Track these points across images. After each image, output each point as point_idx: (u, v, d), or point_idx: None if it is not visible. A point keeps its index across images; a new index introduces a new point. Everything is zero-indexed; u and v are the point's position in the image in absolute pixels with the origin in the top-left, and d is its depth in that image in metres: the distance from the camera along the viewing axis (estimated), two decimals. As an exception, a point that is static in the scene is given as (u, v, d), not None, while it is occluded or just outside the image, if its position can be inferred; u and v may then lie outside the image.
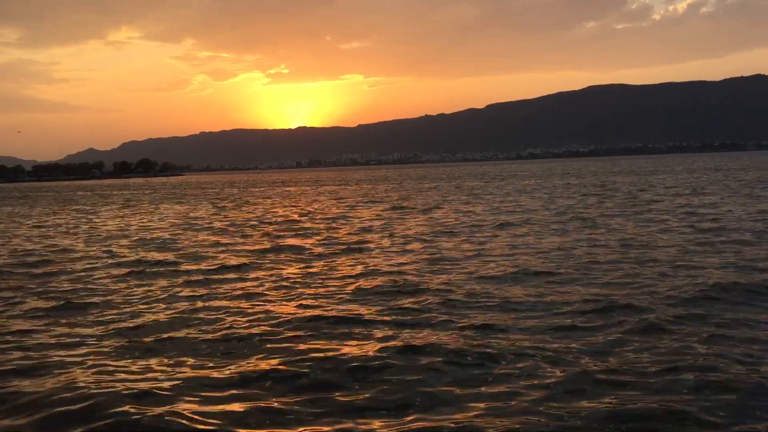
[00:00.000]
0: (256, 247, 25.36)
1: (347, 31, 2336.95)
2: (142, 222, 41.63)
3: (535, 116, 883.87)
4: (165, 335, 12.24)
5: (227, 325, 12.78)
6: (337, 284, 16.79)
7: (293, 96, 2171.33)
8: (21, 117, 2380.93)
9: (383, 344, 11.02)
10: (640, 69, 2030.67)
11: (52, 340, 12.23)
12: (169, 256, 23.14)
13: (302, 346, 11.19)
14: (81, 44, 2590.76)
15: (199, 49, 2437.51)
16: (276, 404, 8.69)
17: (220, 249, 25.02)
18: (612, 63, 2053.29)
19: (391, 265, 19.63)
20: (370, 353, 10.49)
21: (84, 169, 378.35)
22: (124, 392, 9.00)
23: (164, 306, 14.96)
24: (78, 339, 12.29)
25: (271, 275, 18.64)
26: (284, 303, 14.82)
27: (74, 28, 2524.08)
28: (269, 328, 12.49)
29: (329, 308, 14.01)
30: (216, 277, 18.58)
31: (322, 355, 10.51)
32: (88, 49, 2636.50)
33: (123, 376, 9.91)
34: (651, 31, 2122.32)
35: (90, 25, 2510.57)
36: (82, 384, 9.43)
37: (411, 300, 14.46)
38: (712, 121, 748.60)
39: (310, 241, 26.99)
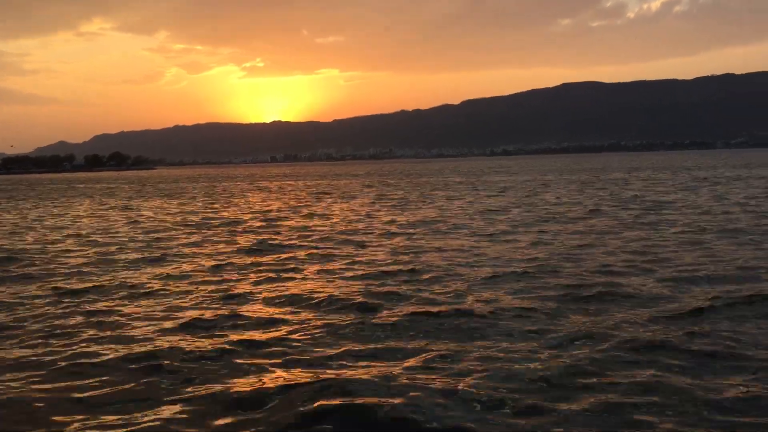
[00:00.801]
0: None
1: (324, 25, 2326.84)
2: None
3: (510, 113, 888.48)
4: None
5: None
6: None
7: (268, 90, 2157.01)
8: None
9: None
10: (614, 66, 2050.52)
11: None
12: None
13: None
14: (51, 35, 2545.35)
15: (173, 41, 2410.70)
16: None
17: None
18: (586, 60, 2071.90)
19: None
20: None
21: (55, 161, 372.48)
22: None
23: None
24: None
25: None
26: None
27: (45, 19, 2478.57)
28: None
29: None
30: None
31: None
32: (59, 41, 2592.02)
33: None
34: (625, 28, 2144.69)
35: (61, 16, 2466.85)
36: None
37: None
38: (684, 119, 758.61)
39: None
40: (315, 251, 22.80)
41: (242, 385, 9.52)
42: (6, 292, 16.93)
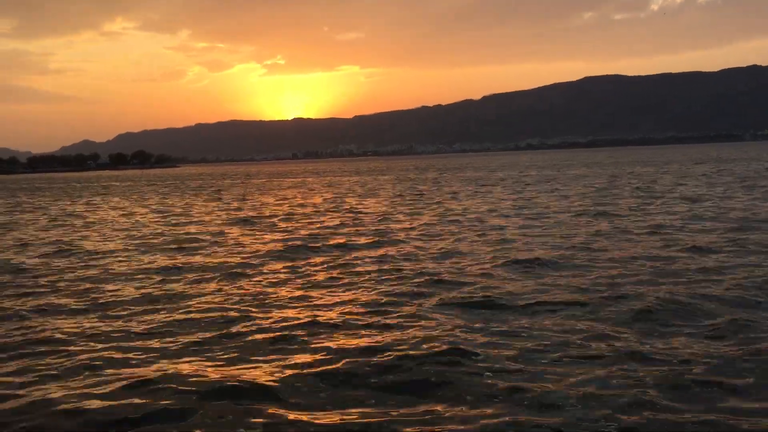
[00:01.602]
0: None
1: (343, 21, 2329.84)
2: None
3: (532, 107, 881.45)
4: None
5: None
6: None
7: (289, 87, 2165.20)
8: (15, 108, 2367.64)
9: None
10: (637, 59, 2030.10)
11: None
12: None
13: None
14: (75, 35, 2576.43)
15: (195, 39, 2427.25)
16: None
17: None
18: (609, 53, 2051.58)
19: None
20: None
21: (80, 160, 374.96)
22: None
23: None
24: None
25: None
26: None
27: (68, 19, 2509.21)
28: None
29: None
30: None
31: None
32: (82, 40, 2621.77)
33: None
34: (649, 21, 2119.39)
35: (84, 16, 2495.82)
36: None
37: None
38: (710, 111, 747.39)
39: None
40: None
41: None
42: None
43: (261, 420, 7.67)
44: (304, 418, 7.67)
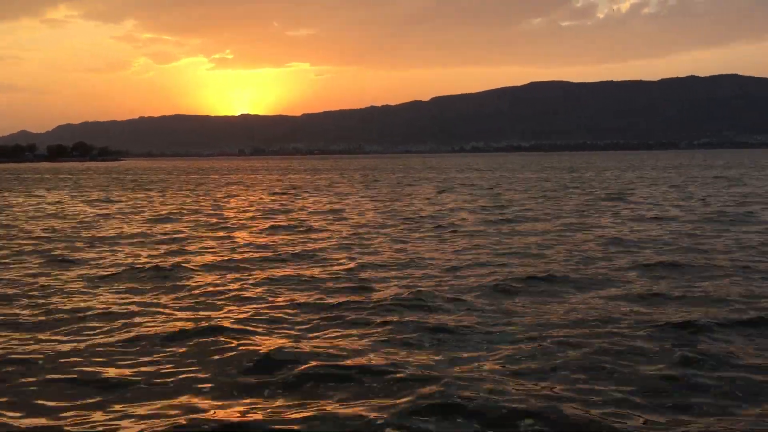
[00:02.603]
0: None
1: (295, 17, 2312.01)
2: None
3: (479, 110, 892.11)
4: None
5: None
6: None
7: (237, 82, 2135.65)
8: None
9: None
10: (583, 66, 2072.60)
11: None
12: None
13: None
14: (15, 22, 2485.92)
15: (142, 30, 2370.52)
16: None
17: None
18: (556, 60, 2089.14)
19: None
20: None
21: (16, 151, 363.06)
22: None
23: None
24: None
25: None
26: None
27: (8, 5, 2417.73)
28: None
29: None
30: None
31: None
32: (23, 27, 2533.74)
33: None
34: (595, 29, 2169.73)
35: (26, 3, 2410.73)
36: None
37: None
38: (650, 119, 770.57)
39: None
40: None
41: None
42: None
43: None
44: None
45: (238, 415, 7.70)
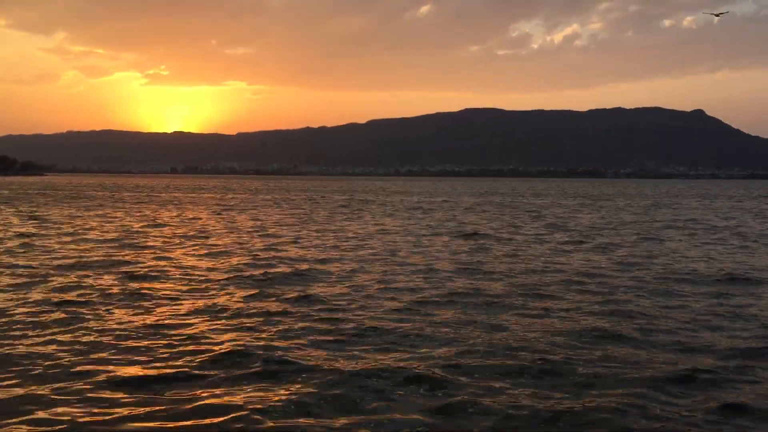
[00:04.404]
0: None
1: (233, 36, 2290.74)
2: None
3: (415, 134, 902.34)
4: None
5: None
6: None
7: (172, 99, 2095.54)
8: None
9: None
10: (516, 94, 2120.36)
11: None
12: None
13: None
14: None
15: (72, 42, 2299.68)
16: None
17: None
18: (490, 87, 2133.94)
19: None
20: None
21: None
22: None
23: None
24: None
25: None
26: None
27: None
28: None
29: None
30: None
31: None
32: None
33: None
34: (529, 59, 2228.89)
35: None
36: None
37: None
38: (578, 148, 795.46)
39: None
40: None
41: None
42: None
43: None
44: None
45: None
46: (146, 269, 21.71)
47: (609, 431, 8.89)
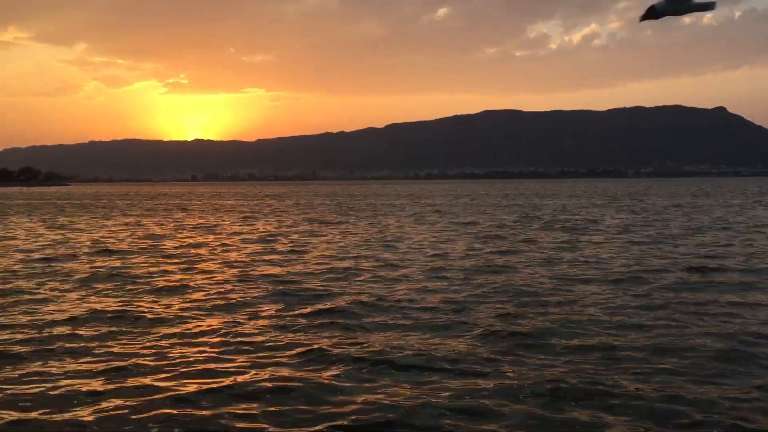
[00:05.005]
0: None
1: (252, 43, 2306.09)
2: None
3: (433, 137, 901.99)
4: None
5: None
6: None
7: (191, 107, 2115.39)
8: None
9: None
10: (534, 95, 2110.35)
11: None
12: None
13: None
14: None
15: (93, 54, 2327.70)
16: None
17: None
18: (508, 88, 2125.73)
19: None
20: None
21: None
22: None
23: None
24: None
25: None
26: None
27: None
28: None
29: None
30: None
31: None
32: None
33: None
34: (547, 59, 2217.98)
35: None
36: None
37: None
38: (597, 148, 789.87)
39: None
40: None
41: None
42: None
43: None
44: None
45: None
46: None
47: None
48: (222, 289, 19.47)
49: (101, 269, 23.54)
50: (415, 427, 8.79)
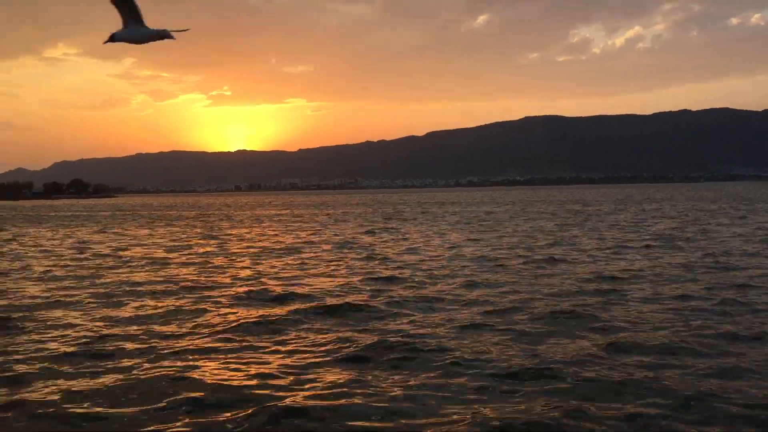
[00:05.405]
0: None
1: (293, 54, 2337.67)
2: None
3: (474, 145, 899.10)
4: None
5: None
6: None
7: (234, 119, 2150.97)
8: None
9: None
10: (577, 100, 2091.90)
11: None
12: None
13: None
14: (14, 60, 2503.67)
15: (140, 68, 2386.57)
16: None
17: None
18: (550, 94, 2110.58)
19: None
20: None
21: (13, 188, 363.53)
22: None
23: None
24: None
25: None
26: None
27: (7, 43, 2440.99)
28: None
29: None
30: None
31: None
32: (21, 65, 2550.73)
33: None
34: (590, 63, 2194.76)
35: (24, 41, 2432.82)
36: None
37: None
38: (643, 153, 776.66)
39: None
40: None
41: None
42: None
43: None
44: None
45: None
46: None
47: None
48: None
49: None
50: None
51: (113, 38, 9.78)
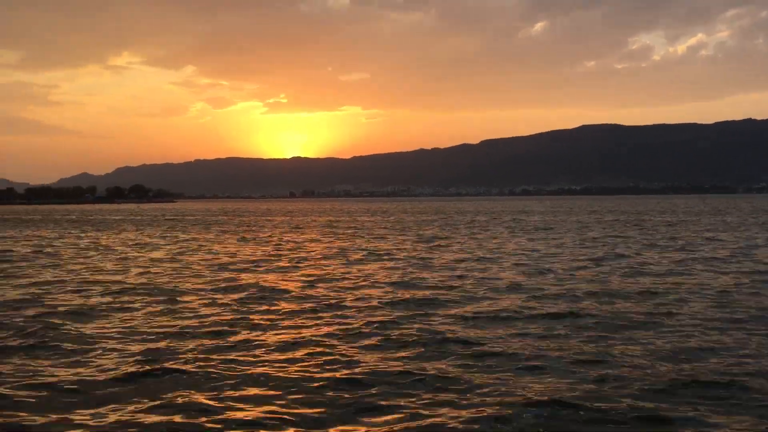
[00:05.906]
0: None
1: (348, 62, 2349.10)
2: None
3: (529, 153, 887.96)
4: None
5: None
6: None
7: (290, 126, 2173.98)
8: (15, 139, 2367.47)
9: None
10: (636, 109, 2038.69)
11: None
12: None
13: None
14: (80, 68, 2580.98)
15: (200, 76, 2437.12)
16: None
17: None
18: (607, 102, 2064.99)
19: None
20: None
21: (77, 193, 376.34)
22: None
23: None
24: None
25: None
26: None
27: (74, 52, 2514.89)
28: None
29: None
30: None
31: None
32: (86, 73, 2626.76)
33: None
34: (650, 71, 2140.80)
35: (90, 49, 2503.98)
36: None
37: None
38: (704, 163, 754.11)
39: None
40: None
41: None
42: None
43: None
44: None
45: None
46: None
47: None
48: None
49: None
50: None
51: None
